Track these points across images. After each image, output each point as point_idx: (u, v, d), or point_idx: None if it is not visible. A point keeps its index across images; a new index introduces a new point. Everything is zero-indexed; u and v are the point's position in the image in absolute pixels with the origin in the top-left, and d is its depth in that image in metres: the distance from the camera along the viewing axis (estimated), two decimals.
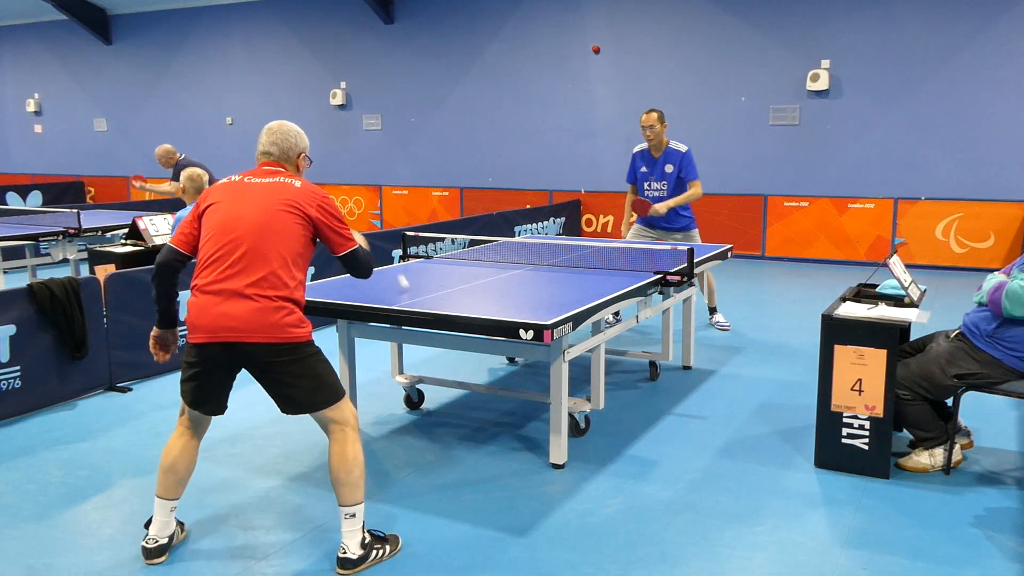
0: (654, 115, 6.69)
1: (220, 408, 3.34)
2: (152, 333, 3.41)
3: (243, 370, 3.29)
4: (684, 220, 6.88)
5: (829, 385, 4.08)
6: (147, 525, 3.41)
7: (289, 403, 3.22)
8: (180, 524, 3.53)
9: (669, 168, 6.73)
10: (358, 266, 3.41)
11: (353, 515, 3.25)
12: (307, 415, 3.29)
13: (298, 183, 3.25)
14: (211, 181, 7.34)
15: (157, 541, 3.34)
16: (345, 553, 3.24)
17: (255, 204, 3.16)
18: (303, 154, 3.42)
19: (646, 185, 6.85)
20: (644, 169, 6.85)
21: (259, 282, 3.08)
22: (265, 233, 3.11)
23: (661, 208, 6.61)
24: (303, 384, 3.17)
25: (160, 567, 3.30)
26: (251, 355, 3.12)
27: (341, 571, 3.24)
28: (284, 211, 3.15)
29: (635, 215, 7.04)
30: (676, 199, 6.69)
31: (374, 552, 3.30)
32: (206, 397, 3.28)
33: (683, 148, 6.76)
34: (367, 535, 3.32)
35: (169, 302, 3.33)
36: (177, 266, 3.29)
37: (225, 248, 3.12)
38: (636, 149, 6.95)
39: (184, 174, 6.68)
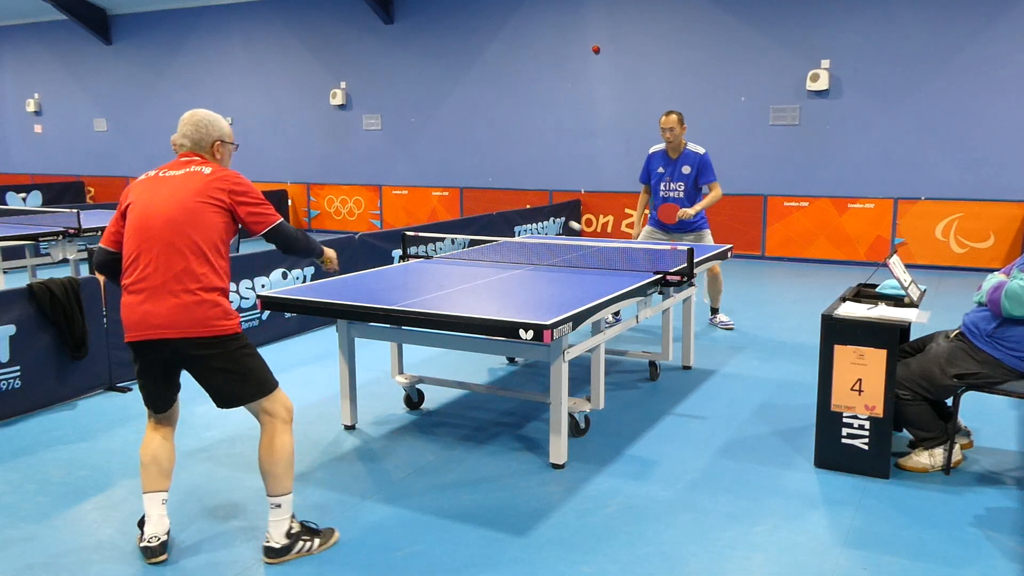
0: (674, 117, 6.68)
1: (168, 403, 3.39)
2: None
3: None
4: (699, 221, 6.88)
5: (829, 385, 4.08)
6: (140, 525, 3.42)
7: (220, 397, 3.25)
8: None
9: (687, 169, 6.73)
10: (284, 242, 3.36)
11: (279, 505, 3.29)
12: (247, 409, 3.31)
13: (208, 169, 3.23)
14: None
15: (158, 538, 3.34)
16: (268, 542, 3.29)
17: (166, 198, 3.16)
18: (218, 141, 3.37)
19: (663, 186, 6.84)
20: (661, 170, 6.84)
21: (178, 276, 3.09)
22: (178, 226, 3.11)
23: (691, 212, 6.61)
24: (230, 377, 3.19)
25: (159, 566, 3.30)
26: (178, 351, 3.15)
27: (266, 559, 3.30)
28: (196, 201, 3.14)
29: (646, 215, 7.04)
30: (703, 203, 6.69)
31: (300, 543, 3.33)
32: (153, 394, 3.35)
33: (701, 150, 6.77)
34: (295, 525, 3.34)
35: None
36: (112, 264, 3.32)
37: (142, 246, 3.14)
38: (653, 149, 6.94)
39: None
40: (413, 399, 5.21)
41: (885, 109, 10.46)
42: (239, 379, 3.20)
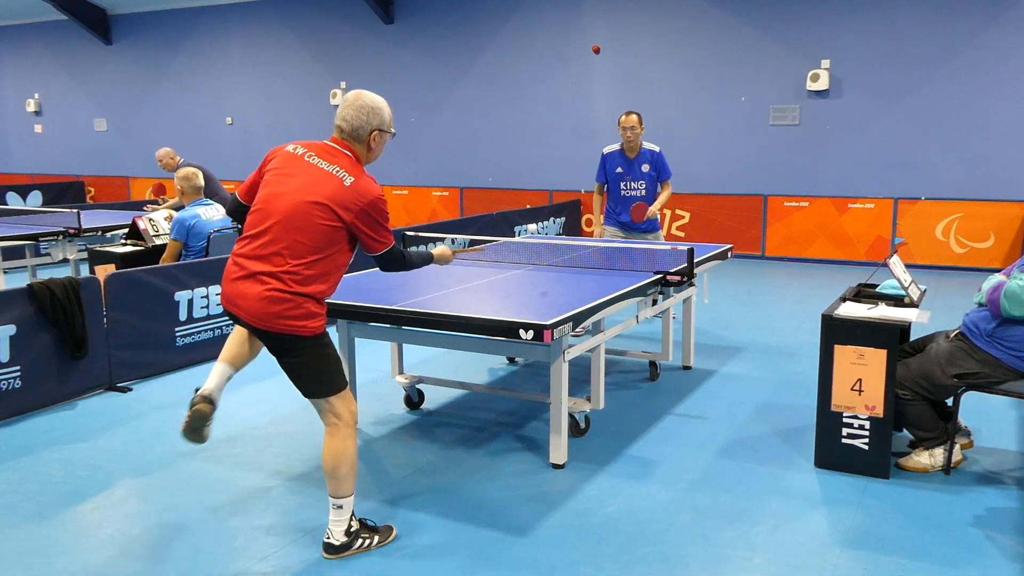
0: (635, 117, 6.72)
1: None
2: None
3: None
4: (655, 221, 7.00)
5: (829, 385, 4.08)
6: (196, 392, 3.41)
7: (297, 387, 3.31)
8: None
9: (646, 168, 6.80)
10: (388, 264, 3.38)
11: (340, 507, 3.34)
12: (313, 406, 3.36)
13: (350, 180, 3.14)
14: (207, 178, 7.32)
15: (202, 394, 3.34)
16: (329, 538, 3.35)
17: (297, 190, 3.13)
18: (377, 131, 3.27)
19: (623, 185, 6.90)
20: (620, 170, 6.89)
21: (273, 271, 3.10)
22: (291, 225, 3.11)
23: (656, 210, 6.75)
24: (302, 373, 3.24)
25: (159, 566, 3.30)
26: (259, 335, 3.23)
27: (325, 555, 3.35)
28: (317, 206, 3.09)
29: (603, 216, 7.08)
30: (660, 201, 6.81)
31: (360, 540, 3.38)
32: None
33: (656, 148, 6.85)
34: (355, 523, 3.39)
35: None
36: (241, 212, 3.35)
37: (258, 228, 3.17)
38: (607, 150, 6.97)
39: (178, 175, 6.67)
40: (413, 399, 5.21)
41: (885, 109, 10.46)
42: (308, 377, 3.23)
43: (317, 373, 3.23)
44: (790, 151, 11.05)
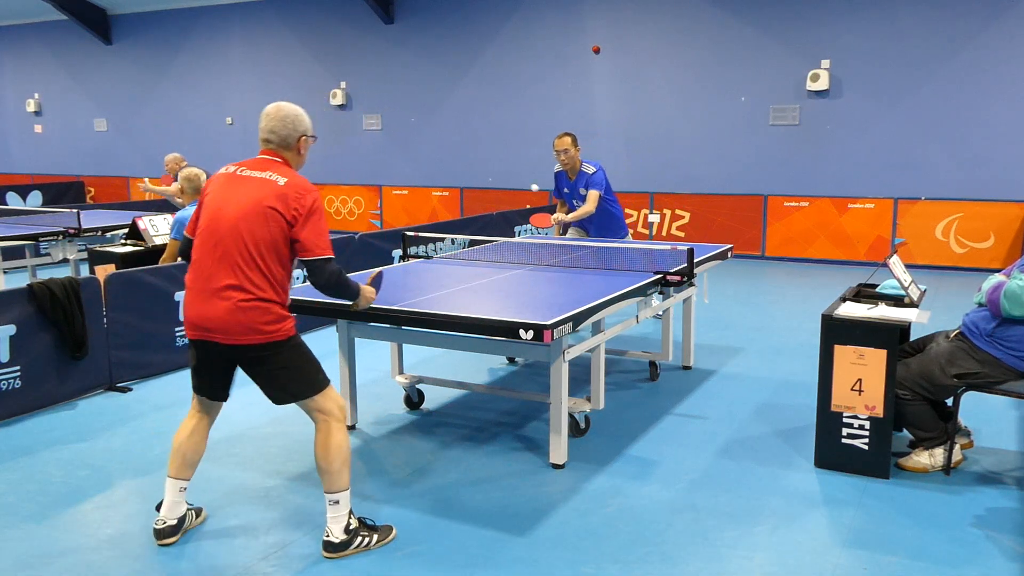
0: (567, 139, 6.74)
1: (221, 395, 3.47)
2: None
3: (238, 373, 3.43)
4: (623, 227, 7.05)
5: (829, 385, 4.08)
6: (158, 508, 3.50)
7: (273, 394, 3.32)
8: (195, 510, 3.63)
9: (583, 190, 6.83)
10: (324, 279, 3.26)
11: (337, 502, 3.36)
12: (300, 407, 3.39)
13: (283, 180, 3.20)
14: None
15: (166, 522, 3.43)
16: (328, 536, 3.36)
17: (237, 202, 3.19)
18: (303, 136, 3.37)
19: (574, 203, 6.96)
20: (567, 190, 6.97)
21: (233, 283, 3.14)
22: (240, 234, 3.15)
23: (567, 218, 6.80)
24: (282, 376, 3.26)
25: (160, 566, 3.30)
26: (231, 353, 3.24)
27: (325, 553, 3.36)
28: (263, 210, 3.15)
29: (568, 226, 7.10)
30: (572, 214, 6.79)
31: (359, 538, 3.39)
32: (206, 385, 3.42)
33: (591, 169, 6.80)
34: (354, 521, 3.40)
35: None
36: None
37: (206, 247, 3.21)
38: (557, 169, 7.03)
39: (182, 175, 6.68)
40: (413, 399, 5.21)
41: (885, 109, 10.46)
42: (290, 378, 3.26)
43: (299, 373, 3.27)
44: (790, 151, 11.05)
